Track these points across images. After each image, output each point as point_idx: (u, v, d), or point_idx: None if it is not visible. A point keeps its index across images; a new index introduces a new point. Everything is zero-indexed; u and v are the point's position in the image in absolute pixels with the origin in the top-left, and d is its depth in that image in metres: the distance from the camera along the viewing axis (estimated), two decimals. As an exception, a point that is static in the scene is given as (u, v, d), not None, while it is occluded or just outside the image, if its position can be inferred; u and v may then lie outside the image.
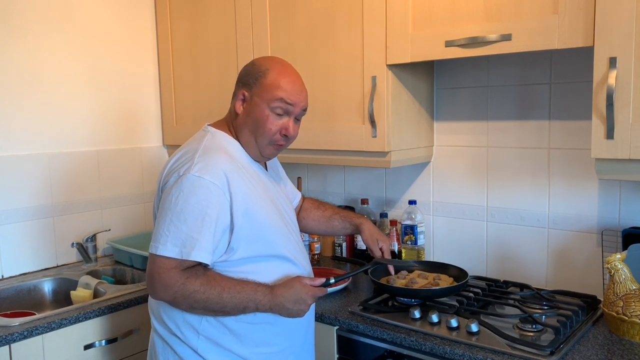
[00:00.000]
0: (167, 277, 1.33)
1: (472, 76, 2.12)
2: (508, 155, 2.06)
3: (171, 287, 1.33)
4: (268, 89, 1.44)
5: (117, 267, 2.45)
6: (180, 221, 1.33)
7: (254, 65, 1.51)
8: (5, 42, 2.25)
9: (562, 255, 1.98)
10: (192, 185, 1.34)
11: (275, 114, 1.46)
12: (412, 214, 2.22)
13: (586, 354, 1.47)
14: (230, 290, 1.36)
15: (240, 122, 1.50)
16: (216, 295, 1.35)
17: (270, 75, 1.45)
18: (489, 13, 1.68)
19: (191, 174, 1.35)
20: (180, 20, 2.62)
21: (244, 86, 1.49)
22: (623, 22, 1.43)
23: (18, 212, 2.31)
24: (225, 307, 1.37)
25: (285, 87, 1.45)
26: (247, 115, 1.48)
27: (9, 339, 1.72)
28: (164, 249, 1.33)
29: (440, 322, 1.67)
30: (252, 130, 1.48)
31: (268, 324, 1.47)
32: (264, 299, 1.39)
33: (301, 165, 2.66)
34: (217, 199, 1.35)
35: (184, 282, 1.33)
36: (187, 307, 1.37)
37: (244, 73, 1.52)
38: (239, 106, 1.49)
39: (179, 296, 1.34)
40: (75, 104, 2.49)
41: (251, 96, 1.47)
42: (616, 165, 1.49)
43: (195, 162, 1.38)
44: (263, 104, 1.45)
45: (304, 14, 2.14)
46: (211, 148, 1.43)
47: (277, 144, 1.50)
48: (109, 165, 2.62)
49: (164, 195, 1.40)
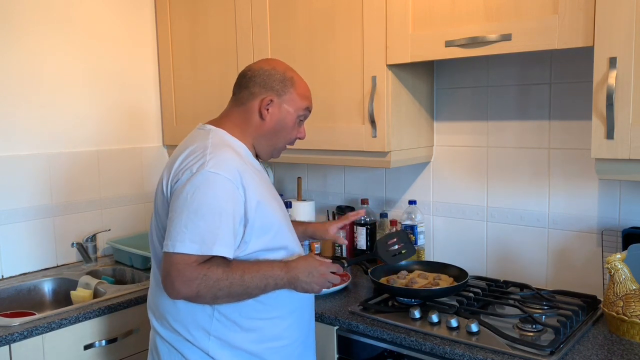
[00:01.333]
0: (188, 272, 1.31)
1: (472, 76, 2.12)
2: (508, 155, 2.06)
3: (194, 281, 1.31)
4: (300, 99, 1.52)
5: (117, 267, 2.45)
6: (198, 217, 1.32)
7: (277, 71, 1.51)
8: (6, 42, 2.25)
9: (562, 255, 1.98)
10: (208, 181, 1.34)
11: (299, 121, 1.55)
12: (412, 214, 2.22)
13: (586, 354, 1.47)
14: (250, 271, 1.37)
15: (257, 123, 1.51)
16: (238, 278, 1.35)
17: (299, 85, 1.53)
18: (489, 13, 1.68)
19: (206, 169, 1.35)
20: (180, 20, 2.62)
21: (270, 91, 1.49)
22: (623, 22, 1.43)
23: (18, 212, 2.31)
24: (248, 288, 1.36)
25: (309, 96, 1.56)
26: (274, 121, 1.51)
27: (9, 339, 1.72)
28: (182, 246, 1.31)
29: (440, 322, 1.67)
30: (275, 134, 1.52)
31: (279, 319, 1.48)
32: (281, 273, 1.40)
33: (301, 165, 2.66)
34: (233, 194, 1.36)
35: (206, 273, 1.32)
36: (211, 297, 1.35)
37: (265, 78, 1.49)
38: (264, 111, 1.49)
39: (202, 288, 1.32)
40: (76, 104, 2.49)
41: (280, 103, 1.50)
42: (616, 165, 1.49)
43: (208, 158, 1.37)
44: (294, 112, 1.52)
45: (304, 14, 2.14)
46: (219, 145, 1.43)
47: (287, 147, 1.59)
48: (109, 165, 2.62)
49: (175, 193, 1.38)
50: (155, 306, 1.52)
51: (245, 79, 1.52)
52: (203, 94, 2.57)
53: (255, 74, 1.51)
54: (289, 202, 2.52)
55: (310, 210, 2.55)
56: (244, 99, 1.51)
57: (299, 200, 2.57)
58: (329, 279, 1.48)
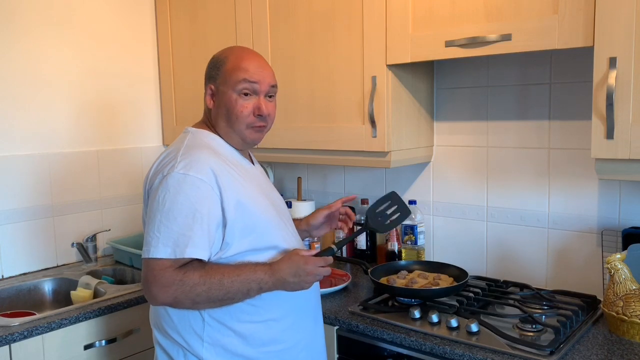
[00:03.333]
0: (163, 278, 1.29)
1: (472, 76, 2.12)
2: (508, 155, 2.06)
3: (170, 287, 1.30)
4: (230, 74, 1.46)
5: (117, 267, 2.45)
6: (170, 220, 1.30)
7: (214, 58, 1.53)
8: (6, 42, 2.25)
9: (562, 255, 1.98)
10: (178, 183, 1.32)
11: (244, 96, 1.46)
12: (412, 214, 2.22)
13: (586, 354, 1.47)
14: (230, 275, 1.33)
15: (214, 115, 1.50)
16: (217, 282, 1.31)
17: (230, 61, 1.48)
18: (489, 13, 1.68)
19: (175, 171, 1.33)
20: (180, 20, 2.62)
21: (209, 80, 1.51)
22: (623, 22, 1.43)
23: (18, 212, 2.31)
24: (229, 292, 1.33)
25: (246, 66, 1.46)
26: (218, 106, 1.49)
27: (9, 339, 1.72)
28: (155, 251, 1.30)
29: (440, 322, 1.67)
30: (227, 119, 1.47)
31: (273, 321, 1.44)
32: (265, 277, 1.36)
33: (301, 165, 2.66)
34: (206, 194, 1.33)
35: (181, 279, 1.30)
36: (190, 303, 1.33)
37: (207, 69, 1.53)
38: (209, 101, 1.51)
39: (179, 294, 1.30)
40: (76, 104, 2.49)
41: (217, 87, 1.48)
42: (616, 165, 1.49)
43: (179, 160, 1.36)
44: (229, 90, 1.46)
45: (304, 14, 2.14)
46: (194, 146, 1.42)
47: (255, 126, 1.48)
48: (109, 165, 2.62)
49: (150, 198, 1.37)
50: (151, 313, 1.51)
51: None
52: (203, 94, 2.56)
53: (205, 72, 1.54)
54: (289, 202, 2.52)
55: (310, 210, 2.55)
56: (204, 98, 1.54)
57: (299, 200, 2.58)
58: (319, 273, 1.40)
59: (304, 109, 2.19)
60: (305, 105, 2.19)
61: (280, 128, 2.26)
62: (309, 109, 2.18)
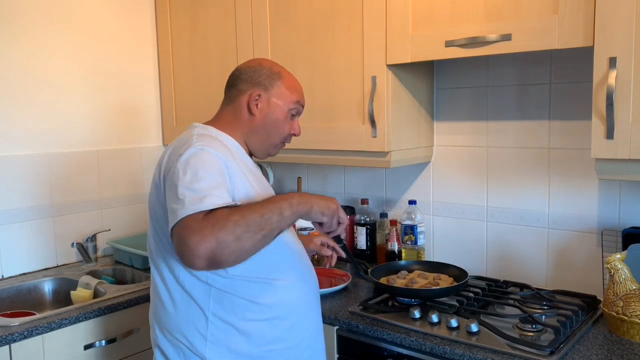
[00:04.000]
0: (197, 225, 1.19)
1: (472, 76, 2.12)
2: (508, 155, 2.06)
3: (206, 228, 1.19)
4: (289, 91, 1.51)
5: (117, 267, 2.45)
6: (192, 183, 1.26)
7: (263, 67, 1.51)
8: (6, 42, 2.25)
9: (562, 255, 1.98)
10: (196, 154, 1.31)
11: (291, 116, 1.53)
12: (412, 214, 2.22)
13: (586, 354, 1.47)
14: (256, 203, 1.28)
15: (247, 120, 1.49)
16: (248, 209, 1.24)
17: (287, 79, 1.52)
18: (489, 13, 1.68)
19: (192, 147, 1.32)
20: (180, 20, 2.62)
21: (257, 86, 1.49)
22: (623, 22, 1.43)
23: (18, 212, 2.31)
24: (264, 215, 1.24)
25: (300, 90, 1.55)
26: (264, 115, 1.49)
27: (9, 339, 1.72)
28: (184, 211, 1.22)
29: (440, 322, 1.67)
30: (265, 130, 1.50)
31: (278, 319, 1.43)
32: (288, 196, 1.32)
33: (301, 165, 2.66)
34: (222, 167, 1.32)
35: (214, 216, 1.21)
36: (234, 239, 1.20)
37: (252, 74, 1.50)
38: (253, 106, 1.49)
39: (217, 230, 1.18)
40: (76, 104, 2.49)
41: (269, 97, 1.49)
42: (616, 165, 1.49)
43: (194, 141, 1.36)
44: (284, 106, 1.50)
45: (304, 14, 2.14)
46: (205, 135, 1.42)
47: (284, 144, 1.56)
48: (109, 165, 2.62)
49: (168, 177, 1.33)
50: (153, 314, 1.50)
51: (233, 77, 1.53)
52: (203, 94, 2.57)
53: (243, 72, 1.52)
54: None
55: (310, 210, 2.55)
56: (233, 96, 1.52)
57: (299, 200, 2.57)
58: (339, 212, 1.39)
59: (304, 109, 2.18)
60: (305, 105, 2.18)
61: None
62: (309, 109, 2.16)
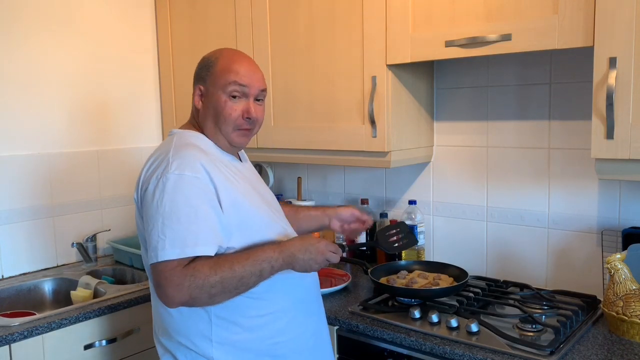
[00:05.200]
0: (175, 277, 1.27)
1: (472, 76, 2.12)
2: (508, 155, 2.06)
3: (183, 284, 1.26)
4: (220, 75, 1.45)
5: (117, 267, 2.45)
6: (173, 222, 1.29)
7: (204, 59, 1.52)
8: (7, 42, 2.25)
9: (562, 255, 1.98)
10: (175, 183, 1.32)
11: (233, 98, 1.45)
12: (412, 214, 2.22)
13: (586, 354, 1.47)
14: (239, 260, 1.31)
15: (202, 115, 1.50)
16: (228, 270, 1.29)
17: (220, 62, 1.47)
18: (489, 13, 1.68)
19: (170, 172, 1.32)
20: (180, 21, 2.62)
21: (198, 81, 1.51)
22: (623, 22, 1.43)
23: (18, 212, 2.31)
24: (243, 278, 1.31)
25: (237, 69, 1.46)
26: (206, 107, 1.48)
27: (9, 339, 1.72)
28: (163, 254, 1.27)
29: (440, 322, 1.67)
30: (215, 120, 1.47)
31: (281, 312, 1.44)
32: (274, 254, 1.35)
33: (301, 165, 2.66)
34: (204, 190, 1.33)
35: (192, 274, 1.27)
36: (207, 297, 1.29)
37: (196, 69, 1.52)
38: (197, 101, 1.50)
39: (193, 289, 1.27)
40: (76, 104, 2.49)
41: (207, 88, 1.48)
42: (616, 165, 1.49)
43: (171, 161, 1.35)
44: (219, 91, 1.45)
45: (304, 14, 2.14)
46: (182, 145, 1.42)
47: (242, 129, 1.48)
48: (109, 165, 2.62)
49: (145, 202, 1.35)
50: (156, 321, 1.50)
51: None
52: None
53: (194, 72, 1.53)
54: (289, 202, 2.52)
55: (310, 210, 2.55)
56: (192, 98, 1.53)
57: (299, 200, 2.58)
58: (328, 257, 1.41)
59: (304, 109, 2.19)
60: (305, 105, 2.19)
61: (280, 128, 2.26)
62: (309, 109, 2.18)
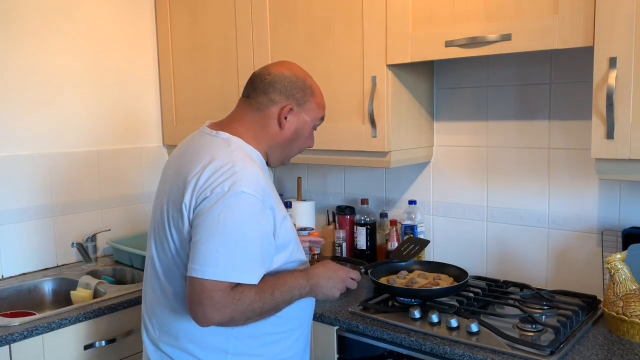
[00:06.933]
0: (222, 299, 1.25)
1: (472, 76, 2.12)
2: (508, 155, 2.06)
3: (228, 307, 1.26)
4: (318, 108, 1.51)
5: (117, 267, 2.45)
6: (232, 243, 1.27)
7: (298, 78, 1.46)
8: (7, 42, 2.25)
9: (562, 255, 1.98)
10: (241, 202, 1.28)
11: (313, 130, 1.54)
12: (412, 214, 2.22)
13: (586, 354, 1.47)
14: (279, 287, 1.35)
15: (284, 135, 1.46)
16: (269, 297, 1.32)
17: (316, 94, 1.51)
18: (489, 13, 1.68)
19: (240, 190, 1.28)
20: (180, 21, 2.62)
21: (289, 99, 1.44)
22: (623, 22, 1.43)
23: (18, 212, 2.31)
24: (278, 304, 1.35)
25: (324, 105, 1.54)
26: (292, 130, 1.47)
27: (9, 339, 1.72)
28: (214, 273, 1.25)
29: (440, 322, 1.67)
30: (291, 143, 1.49)
31: (292, 331, 1.48)
32: (303, 282, 1.40)
33: (301, 165, 2.66)
34: (264, 216, 1.33)
35: (240, 298, 1.27)
36: (244, 320, 1.32)
37: (287, 85, 1.44)
38: (282, 119, 1.44)
39: (236, 313, 1.28)
40: (76, 104, 2.49)
41: (300, 112, 1.46)
42: (616, 165, 1.49)
43: (239, 177, 1.30)
44: (311, 122, 1.50)
45: (304, 14, 2.14)
46: (244, 159, 1.36)
47: None
48: (109, 165, 2.62)
49: (204, 212, 1.29)
50: (160, 323, 1.44)
51: (263, 83, 1.44)
52: (203, 94, 2.57)
53: (276, 80, 1.44)
54: (289, 202, 2.52)
55: (310, 210, 2.55)
56: (261, 104, 1.44)
57: (299, 200, 2.57)
58: (348, 284, 1.49)
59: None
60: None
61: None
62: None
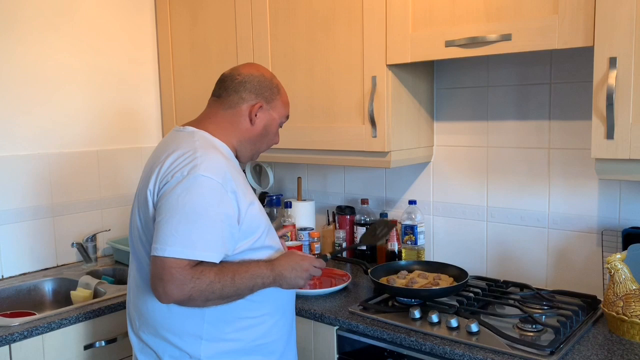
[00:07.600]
0: (180, 276, 1.30)
1: (472, 76, 2.12)
2: (508, 155, 2.06)
3: (187, 284, 1.31)
4: (283, 106, 1.60)
5: (117, 267, 2.45)
6: (190, 222, 1.32)
7: (265, 78, 1.56)
8: (7, 42, 2.25)
9: (562, 255, 1.98)
10: (200, 185, 1.34)
11: (279, 127, 1.63)
12: (412, 214, 2.22)
13: (586, 354, 1.47)
14: (240, 272, 1.38)
15: (254, 131, 1.55)
16: (229, 280, 1.36)
17: (282, 93, 1.60)
18: (489, 13, 1.68)
19: (198, 173, 1.35)
20: (180, 21, 2.62)
21: (259, 97, 1.54)
22: (623, 22, 1.43)
23: (18, 212, 2.31)
24: (239, 289, 1.38)
25: (289, 104, 1.64)
26: (262, 126, 1.56)
27: (9, 339, 1.72)
28: (173, 250, 1.30)
29: (440, 322, 1.67)
30: (260, 139, 1.58)
31: (268, 316, 1.50)
32: (267, 272, 1.43)
33: (301, 165, 2.66)
34: (225, 199, 1.37)
35: (199, 277, 1.32)
36: (203, 300, 1.35)
37: (257, 84, 1.54)
38: (252, 115, 1.53)
39: (195, 292, 1.32)
40: (76, 104, 2.49)
41: (268, 109, 1.56)
42: (616, 165, 1.49)
43: (199, 161, 1.37)
44: (278, 119, 1.59)
45: (304, 14, 2.14)
46: (208, 147, 1.44)
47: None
48: (109, 165, 2.62)
49: (164, 195, 1.36)
50: (139, 313, 1.50)
51: (234, 82, 1.53)
52: (203, 94, 2.55)
53: (247, 79, 1.53)
54: (289, 202, 2.52)
55: (310, 210, 2.55)
56: (233, 102, 1.53)
57: (299, 200, 2.58)
58: (312, 273, 1.51)
59: (304, 109, 2.19)
60: (305, 105, 2.19)
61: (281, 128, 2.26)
62: (309, 109, 2.18)
